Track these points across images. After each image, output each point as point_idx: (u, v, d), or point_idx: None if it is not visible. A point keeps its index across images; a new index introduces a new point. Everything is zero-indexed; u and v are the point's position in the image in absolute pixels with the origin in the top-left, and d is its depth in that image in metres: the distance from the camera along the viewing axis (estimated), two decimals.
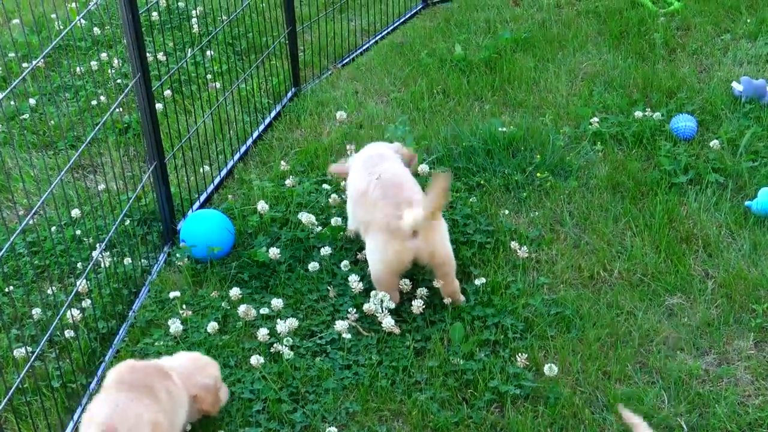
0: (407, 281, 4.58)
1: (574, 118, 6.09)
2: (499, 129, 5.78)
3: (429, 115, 6.24)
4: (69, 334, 4.42)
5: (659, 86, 6.32)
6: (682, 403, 4.01)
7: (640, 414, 3.91)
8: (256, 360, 4.17)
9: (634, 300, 4.59)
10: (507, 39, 7.02)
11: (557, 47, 7.05)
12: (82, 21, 7.37)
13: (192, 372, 3.90)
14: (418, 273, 4.71)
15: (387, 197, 4.44)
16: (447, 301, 4.51)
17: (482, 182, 5.44)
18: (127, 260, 4.87)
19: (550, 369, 4.12)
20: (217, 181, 5.64)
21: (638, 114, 5.93)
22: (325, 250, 4.88)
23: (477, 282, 4.62)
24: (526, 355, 4.22)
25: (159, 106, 5.65)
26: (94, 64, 6.84)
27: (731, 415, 3.94)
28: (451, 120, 6.10)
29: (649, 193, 5.30)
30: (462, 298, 4.56)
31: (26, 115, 6.39)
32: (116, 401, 3.54)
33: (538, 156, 5.58)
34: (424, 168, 5.42)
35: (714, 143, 5.60)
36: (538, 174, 5.46)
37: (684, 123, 5.76)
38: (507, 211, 5.21)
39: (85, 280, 4.55)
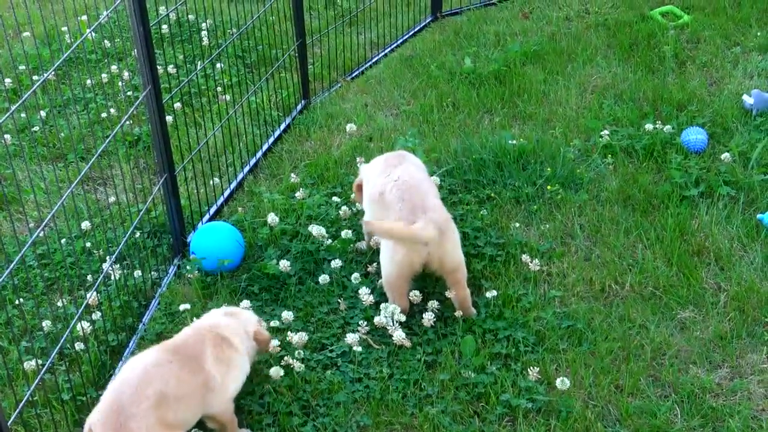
0: (417, 293, 4.57)
1: (584, 130, 6.08)
2: (509, 142, 5.78)
3: (439, 127, 6.23)
4: (79, 346, 4.42)
5: (669, 99, 6.31)
6: (695, 417, 3.99)
7: (654, 428, 3.90)
8: (275, 372, 4.15)
9: (646, 313, 4.57)
10: (516, 52, 7.02)
11: (567, 60, 7.04)
12: (93, 34, 7.39)
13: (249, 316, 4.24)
14: (429, 286, 4.70)
15: (403, 200, 4.45)
16: (458, 314, 4.49)
17: (492, 195, 5.43)
18: (137, 273, 4.87)
19: (562, 382, 4.10)
20: (227, 193, 5.64)
21: (649, 127, 5.91)
22: (336, 263, 4.87)
23: (488, 295, 4.60)
24: (538, 369, 4.20)
25: (169, 118, 5.66)
26: (104, 76, 6.85)
27: (745, 429, 3.92)
28: (461, 132, 6.10)
29: (660, 206, 5.28)
30: (473, 310, 4.55)
31: (37, 128, 6.41)
32: (147, 364, 3.75)
33: (549, 169, 5.57)
34: (435, 180, 5.40)
35: (725, 156, 5.58)
36: (549, 187, 5.44)
37: (695, 136, 5.74)
38: (518, 224, 5.20)
39: (95, 293, 4.55)
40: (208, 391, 3.81)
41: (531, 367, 4.20)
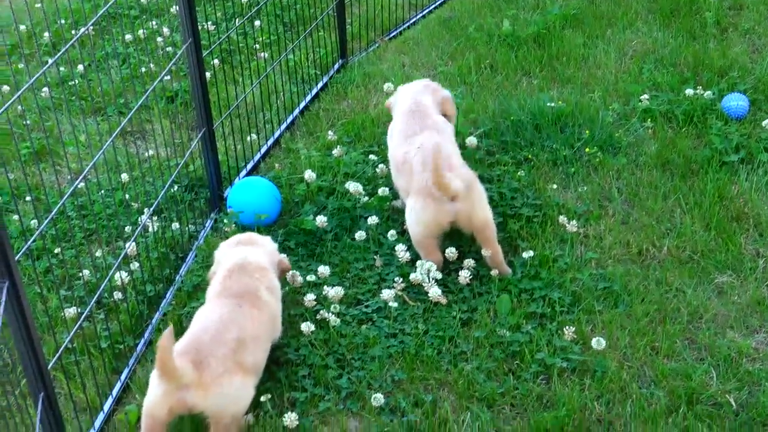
0: (454, 250, 4.57)
1: (623, 95, 6.02)
2: (548, 104, 5.74)
3: (476, 89, 6.20)
4: (117, 296, 4.46)
5: (710, 65, 6.23)
6: (731, 381, 3.97)
7: (689, 390, 3.89)
8: (306, 327, 4.18)
9: (683, 277, 4.54)
10: (556, 15, 6.96)
11: (606, 24, 6.97)
12: None
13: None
14: (465, 244, 4.69)
15: (426, 164, 4.46)
16: (494, 273, 4.49)
17: (530, 156, 5.41)
18: (175, 225, 4.90)
19: (597, 343, 4.09)
20: (264, 149, 5.65)
21: (689, 92, 5.85)
22: (372, 220, 4.87)
23: (525, 255, 4.59)
24: (574, 329, 4.19)
25: (207, 74, 5.66)
26: (142, 32, 6.87)
27: None
28: (499, 94, 6.06)
29: (700, 171, 5.24)
30: (508, 269, 4.54)
31: (76, 81, 6.44)
32: (222, 313, 3.78)
33: (587, 132, 5.53)
34: (472, 141, 5.40)
35: (767, 123, 5.51)
36: (587, 150, 5.41)
37: (736, 102, 5.67)
38: (555, 186, 5.17)
39: (133, 243, 4.58)
40: (274, 321, 3.97)
41: (566, 327, 4.19)
